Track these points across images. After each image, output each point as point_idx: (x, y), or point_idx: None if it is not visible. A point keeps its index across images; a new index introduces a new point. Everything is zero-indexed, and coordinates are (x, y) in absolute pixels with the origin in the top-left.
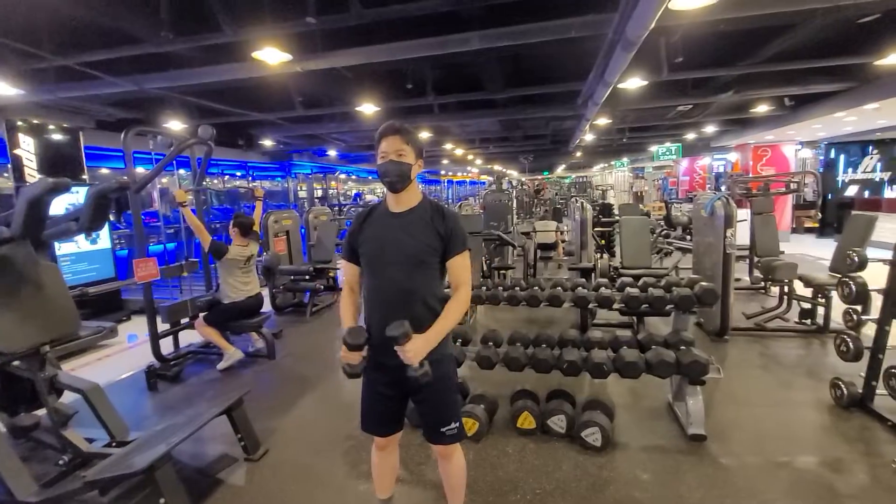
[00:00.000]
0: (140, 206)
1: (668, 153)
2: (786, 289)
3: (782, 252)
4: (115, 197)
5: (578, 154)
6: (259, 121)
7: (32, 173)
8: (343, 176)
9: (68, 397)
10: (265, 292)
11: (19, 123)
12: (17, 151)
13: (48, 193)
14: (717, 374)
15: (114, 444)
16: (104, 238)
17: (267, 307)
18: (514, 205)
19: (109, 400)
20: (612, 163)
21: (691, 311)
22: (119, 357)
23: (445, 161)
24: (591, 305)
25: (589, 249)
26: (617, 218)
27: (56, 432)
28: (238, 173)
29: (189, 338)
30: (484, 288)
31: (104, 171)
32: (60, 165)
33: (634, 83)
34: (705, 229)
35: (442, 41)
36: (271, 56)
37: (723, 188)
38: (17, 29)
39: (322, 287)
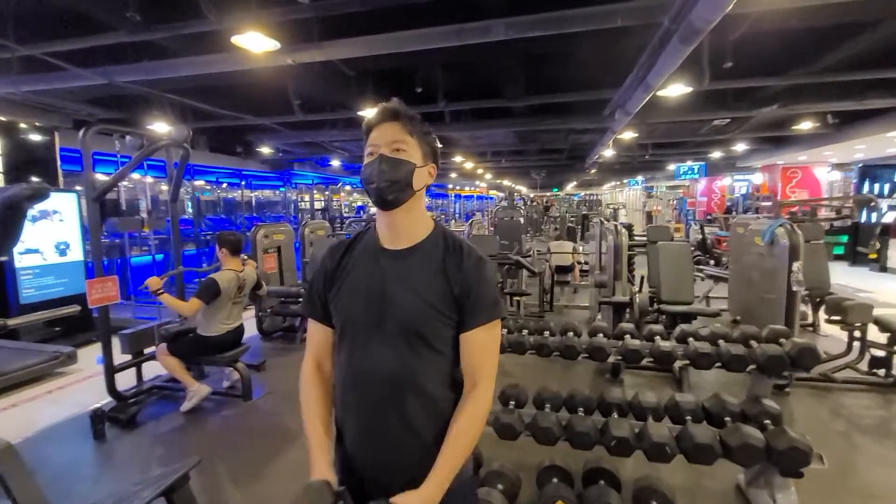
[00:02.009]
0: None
1: (690, 172)
2: (857, 333)
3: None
4: (29, 206)
5: (593, 171)
6: (256, 126)
7: None
8: (348, 188)
9: None
10: (249, 314)
11: None
12: None
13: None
14: (821, 464)
15: None
16: (75, 248)
17: (252, 331)
18: (525, 222)
19: (23, 464)
20: (626, 181)
21: (782, 375)
22: (74, 389)
23: (454, 174)
24: (644, 361)
25: (623, 279)
26: (639, 241)
27: None
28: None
29: (155, 369)
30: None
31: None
32: (30, 168)
33: (676, 90)
34: (752, 258)
35: (458, 30)
36: (255, 43)
37: (751, 212)
38: None
39: None
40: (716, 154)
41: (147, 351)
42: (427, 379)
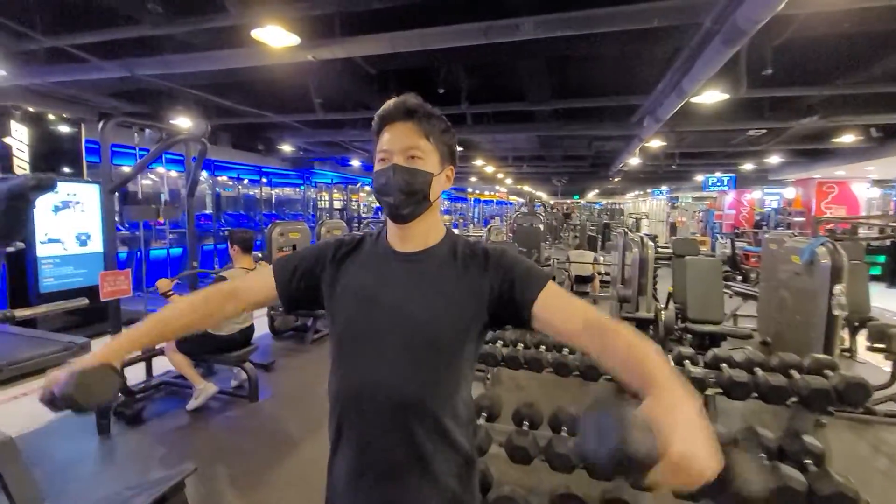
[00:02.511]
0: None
1: (719, 184)
2: None
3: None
4: (35, 197)
5: (616, 180)
6: (278, 124)
7: (23, 165)
8: (367, 188)
9: None
10: (261, 313)
11: (12, 110)
12: (6, 140)
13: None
14: None
15: None
16: (96, 240)
17: (264, 330)
18: (545, 229)
19: (21, 460)
20: (650, 190)
21: (826, 411)
22: None
23: (473, 178)
24: None
25: (648, 295)
26: (663, 253)
27: None
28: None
29: (165, 364)
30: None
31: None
32: (56, 159)
33: (711, 97)
34: (787, 277)
35: (485, 28)
36: (275, 37)
37: (782, 227)
38: (8, 5)
39: None
40: (747, 166)
41: (158, 346)
42: (442, 405)
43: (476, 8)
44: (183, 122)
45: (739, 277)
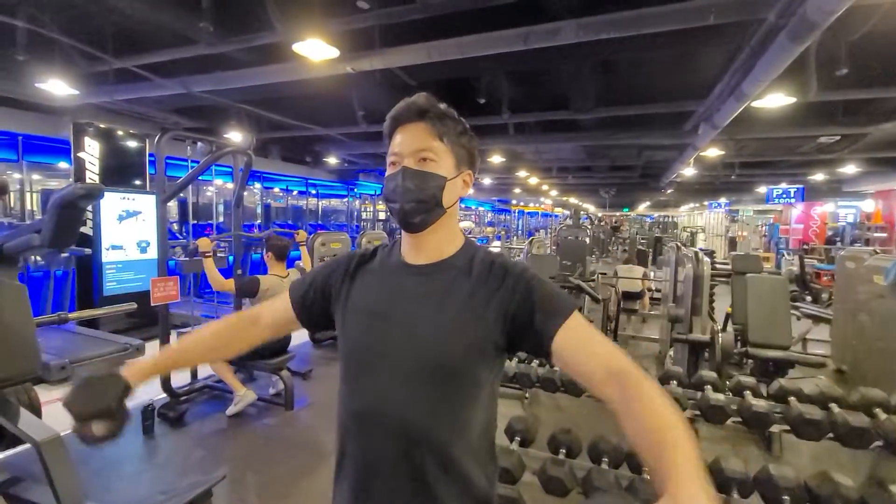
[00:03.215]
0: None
1: (785, 196)
2: None
3: None
4: (84, 205)
5: (669, 192)
6: (324, 137)
7: (93, 177)
8: None
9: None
10: None
11: (86, 127)
12: (80, 154)
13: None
14: None
15: None
16: (154, 247)
17: (303, 338)
18: (591, 242)
19: (68, 456)
20: (706, 203)
21: None
22: None
23: (517, 190)
24: (730, 420)
25: (703, 315)
26: (721, 270)
27: None
28: (313, 191)
29: (209, 368)
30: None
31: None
32: (124, 172)
33: (775, 101)
34: (866, 299)
35: (524, 33)
36: (315, 50)
37: (857, 244)
38: (82, 32)
39: None
40: (817, 176)
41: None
42: (453, 436)
43: (516, 14)
44: (235, 136)
45: (809, 298)
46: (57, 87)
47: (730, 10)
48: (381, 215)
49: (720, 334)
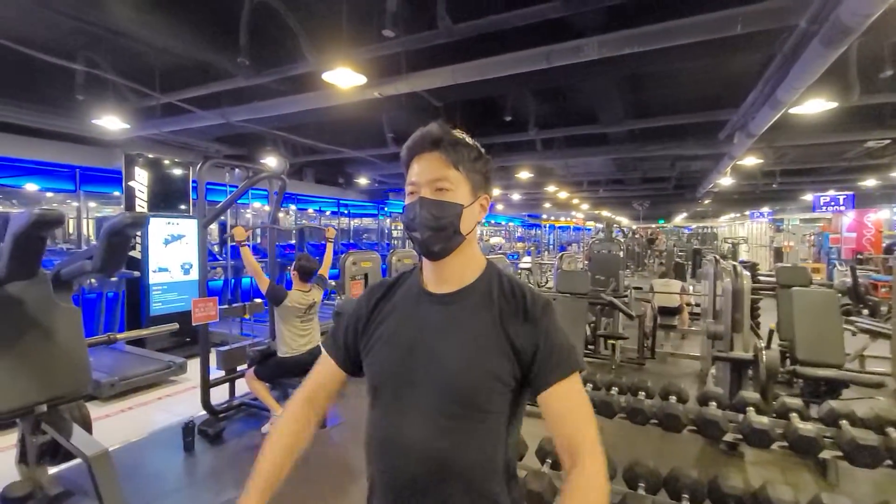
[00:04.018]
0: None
1: (833, 203)
2: None
3: None
4: (131, 233)
5: (706, 202)
6: (355, 159)
7: (142, 204)
8: None
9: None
10: None
11: (137, 158)
12: (130, 183)
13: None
14: None
15: None
16: (196, 268)
17: None
18: (625, 256)
19: (114, 471)
20: (746, 213)
21: None
22: (180, 398)
23: (547, 205)
24: (775, 444)
25: (745, 331)
26: (766, 282)
27: None
28: (345, 211)
29: (245, 387)
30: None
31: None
32: (169, 198)
33: (815, 107)
34: None
35: (546, 52)
36: (344, 78)
37: None
38: (133, 71)
39: None
40: (868, 182)
41: (239, 368)
42: (478, 465)
43: (539, 34)
44: (271, 161)
45: (865, 311)
46: (111, 122)
47: (758, 19)
48: None
49: (764, 351)
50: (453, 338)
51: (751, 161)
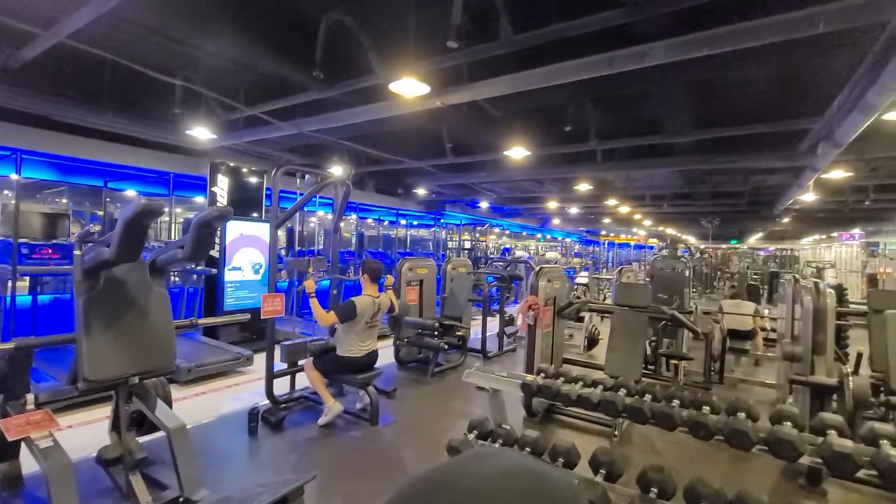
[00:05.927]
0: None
1: None
2: None
3: None
4: (218, 224)
5: (785, 221)
6: (414, 169)
7: None
8: (497, 230)
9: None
10: (389, 343)
11: (220, 166)
12: (213, 189)
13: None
14: None
15: (181, 499)
16: (264, 269)
17: (389, 359)
18: (690, 275)
19: (191, 445)
20: (833, 234)
21: None
22: (246, 387)
23: (606, 220)
24: (862, 472)
25: (828, 355)
26: (856, 309)
27: (125, 475)
28: (403, 221)
29: (306, 380)
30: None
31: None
32: (246, 204)
33: None
34: None
35: (608, 58)
36: (409, 88)
37: None
38: (222, 87)
39: (447, 347)
40: None
41: (300, 362)
42: None
43: (602, 41)
44: (337, 170)
45: None
46: (201, 133)
47: (843, 16)
48: (467, 244)
49: (851, 378)
50: None
51: (838, 175)
